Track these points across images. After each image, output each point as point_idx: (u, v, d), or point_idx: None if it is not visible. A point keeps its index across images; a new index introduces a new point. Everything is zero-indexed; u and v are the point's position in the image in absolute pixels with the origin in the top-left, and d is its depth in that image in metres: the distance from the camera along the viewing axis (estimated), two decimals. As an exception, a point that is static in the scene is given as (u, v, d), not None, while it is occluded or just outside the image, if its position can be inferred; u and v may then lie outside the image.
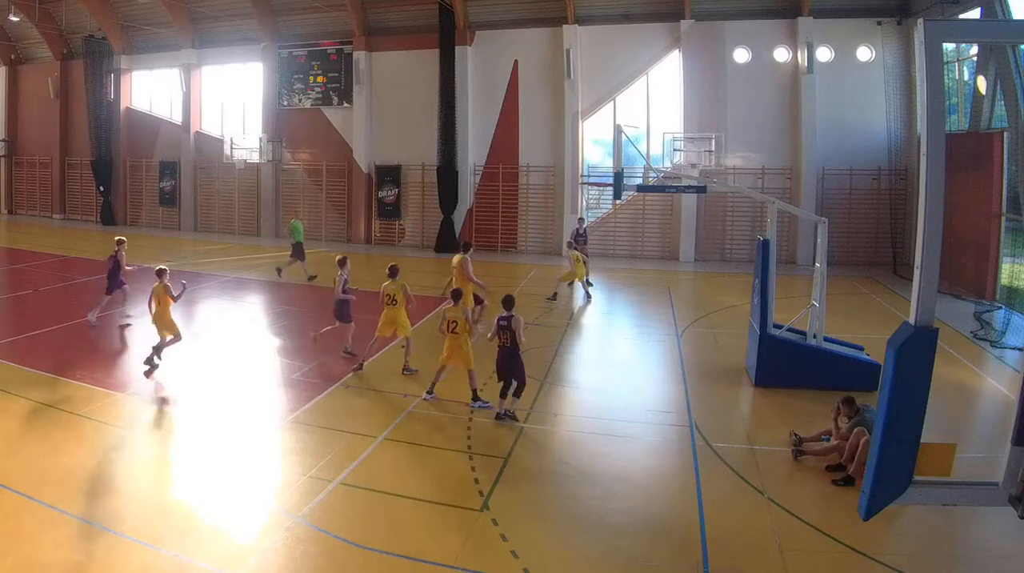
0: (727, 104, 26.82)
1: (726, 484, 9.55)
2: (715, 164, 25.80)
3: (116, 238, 18.05)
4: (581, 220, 24.57)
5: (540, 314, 18.80)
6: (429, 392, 12.32)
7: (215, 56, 35.32)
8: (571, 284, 21.58)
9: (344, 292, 14.52)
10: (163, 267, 14.07)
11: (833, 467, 9.72)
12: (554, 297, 20.59)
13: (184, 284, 14.27)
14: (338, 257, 15.12)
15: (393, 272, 13.48)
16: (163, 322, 13.76)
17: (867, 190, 25.78)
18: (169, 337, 13.73)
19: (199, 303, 20.67)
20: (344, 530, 8.21)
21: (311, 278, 22.55)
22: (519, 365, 11.39)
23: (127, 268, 17.75)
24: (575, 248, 21.23)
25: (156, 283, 13.79)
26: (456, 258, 16.23)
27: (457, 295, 12.48)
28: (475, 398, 12.03)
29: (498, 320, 11.45)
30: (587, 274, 21.56)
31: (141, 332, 17.23)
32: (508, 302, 11.57)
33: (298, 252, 22.92)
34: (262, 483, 9.55)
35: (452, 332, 11.99)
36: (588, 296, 21.20)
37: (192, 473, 9.77)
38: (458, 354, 12.01)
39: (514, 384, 11.36)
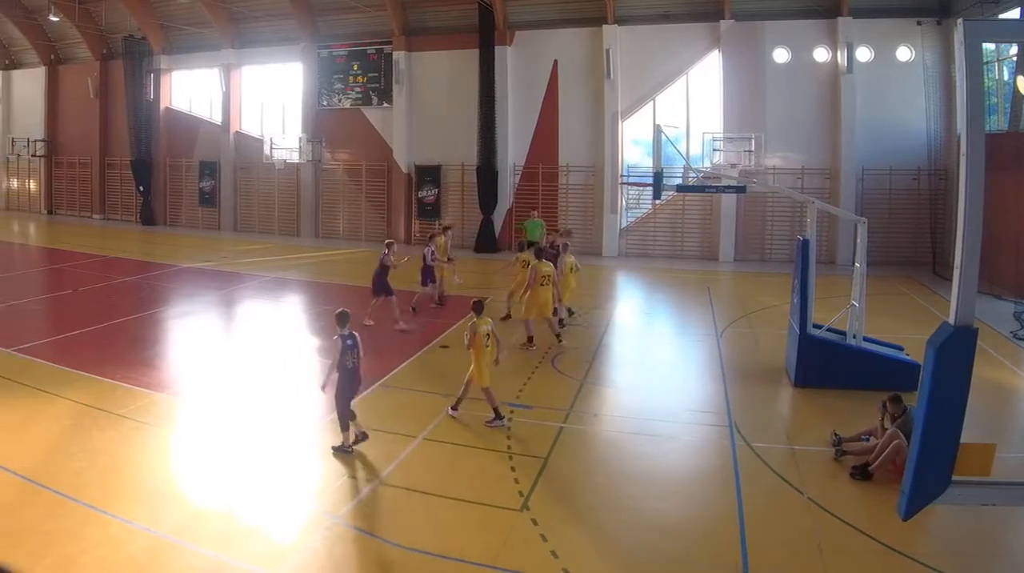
0: (767, 104, 28.87)
1: (766, 484, 10.15)
2: (755, 164, 27.82)
3: (386, 241, 19.19)
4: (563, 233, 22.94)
5: (579, 314, 20.13)
6: (453, 408, 12.53)
7: (255, 56, 38.17)
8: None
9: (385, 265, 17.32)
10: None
11: (860, 466, 10.33)
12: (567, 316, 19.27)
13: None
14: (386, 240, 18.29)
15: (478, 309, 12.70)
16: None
17: (907, 190, 27.72)
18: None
19: (239, 303, 22.65)
20: (384, 530, 8.84)
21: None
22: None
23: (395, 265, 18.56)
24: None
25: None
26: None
27: (480, 306, 12.50)
28: (455, 406, 12.49)
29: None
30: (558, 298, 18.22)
31: (191, 329, 19.53)
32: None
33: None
34: (301, 483, 10.27)
35: (487, 346, 12.14)
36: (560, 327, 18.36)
37: (231, 473, 10.45)
38: (489, 370, 12.23)
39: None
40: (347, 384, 11.20)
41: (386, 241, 18.75)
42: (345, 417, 11.11)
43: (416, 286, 20.12)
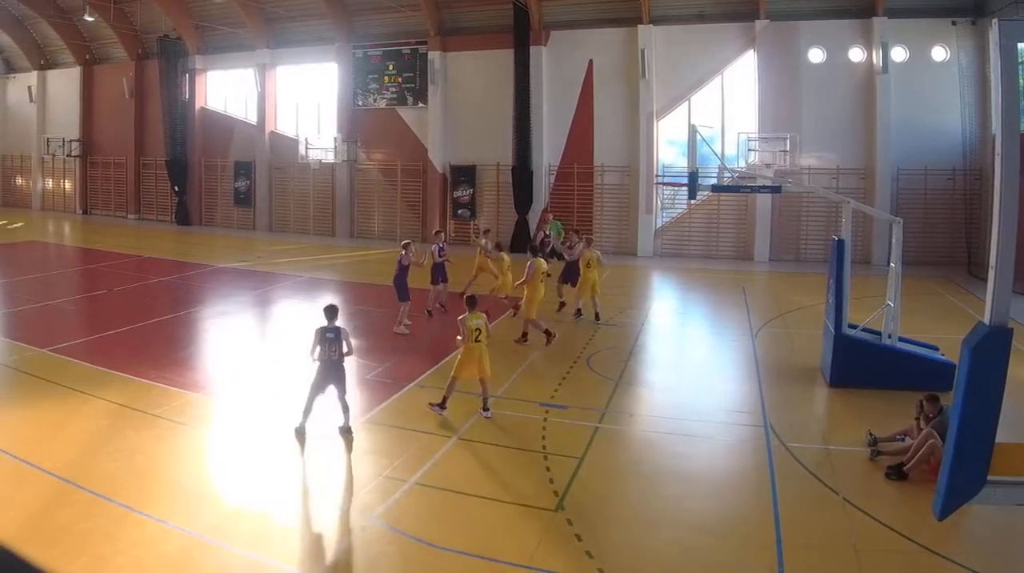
0: (802, 104, 30.19)
1: (801, 484, 10.41)
2: (790, 164, 29.12)
3: (402, 242, 19.70)
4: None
5: (614, 314, 20.87)
6: (441, 405, 12.87)
7: (290, 56, 40.05)
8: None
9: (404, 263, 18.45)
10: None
11: (896, 466, 10.59)
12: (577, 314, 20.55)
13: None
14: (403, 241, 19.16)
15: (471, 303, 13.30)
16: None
17: (942, 190, 28.95)
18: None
19: (273, 304, 23.53)
20: (419, 530, 9.04)
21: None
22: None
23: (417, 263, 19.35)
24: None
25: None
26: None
27: (472, 302, 13.07)
28: (485, 408, 12.89)
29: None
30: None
31: (226, 329, 20.25)
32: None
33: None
34: (336, 483, 10.63)
35: (475, 341, 12.66)
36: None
37: (266, 473, 10.77)
38: (477, 364, 12.72)
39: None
40: (324, 376, 11.74)
41: (403, 242, 19.58)
42: (310, 403, 11.77)
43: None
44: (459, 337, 12.78)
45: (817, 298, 19.86)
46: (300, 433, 11.78)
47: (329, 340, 11.76)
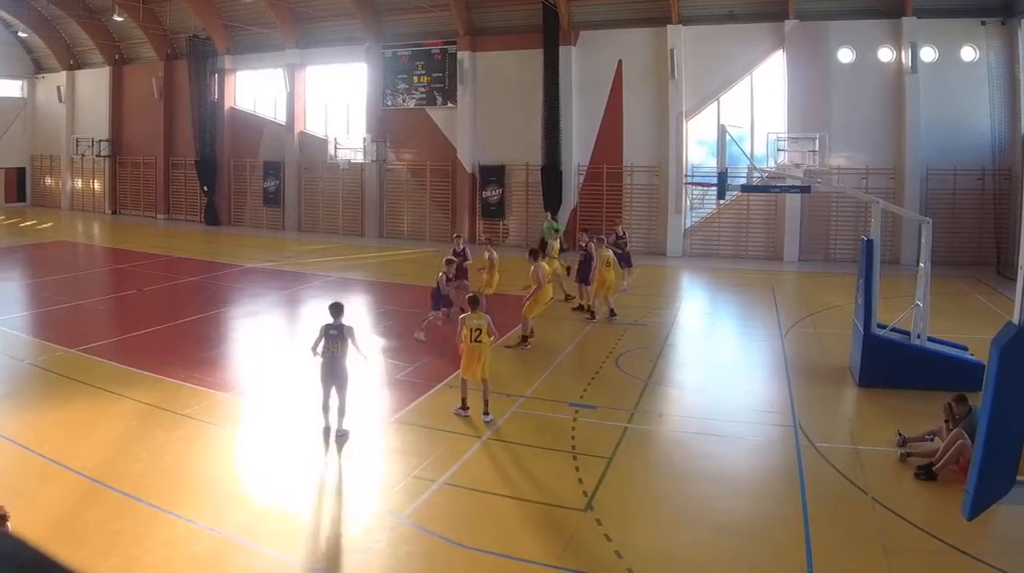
0: (831, 104, 31.34)
1: (830, 484, 10.74)
2: (819, 164, 30.34)
3: (445, 259, 19.72)
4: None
5: (644, 314, 21.83)
6: (464, 407, 13.30)
7: (319, 56, 41.60)
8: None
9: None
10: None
11: (925, 466, 10.94)
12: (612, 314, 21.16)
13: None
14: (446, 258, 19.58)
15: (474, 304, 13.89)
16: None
17: (971, 190, 30.00)
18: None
19: (302, 304, 24.13)
20: (448, 530, 9.34)
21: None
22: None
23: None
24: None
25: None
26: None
27: (475, 302, 13.64)
28: (486, 411, 13.13)
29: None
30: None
31: (255, 329, 20.99)
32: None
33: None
34: (366, 483, 10.96)
35: (476, 341, 13.01)
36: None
37: (295, 473, 11.18)
38: (479, 364, 13.06)
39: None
40: (326, 373, 12.21)
41: (447, 258, 19.69)
42: (324, 399, 12.30)
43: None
44: (457, 338, 13.39)
45: (846, 298, 20.63)
46: (326, 432, 12.28)
47: (332, 337, 12.17)
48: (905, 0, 29.91)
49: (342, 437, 12.23)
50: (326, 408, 12.36)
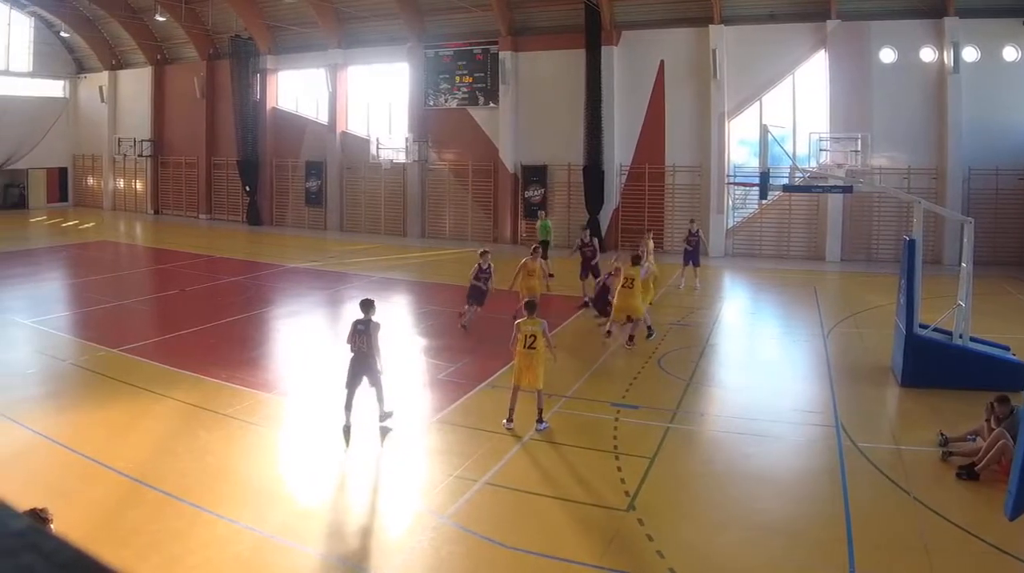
0: (873, 104, 32.86)
1: (872, 484, 11.08)
2: (861, 164, 31.83)
3: (480, 251, 20.82)
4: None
5: (686, 314, 22.72)
6: (509, 420, 13.26)
7: (361, 56, 43.70)
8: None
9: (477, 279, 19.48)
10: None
11: (967, 466, 11.26)
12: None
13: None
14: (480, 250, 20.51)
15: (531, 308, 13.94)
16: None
17: (1013, 190, 31.43)
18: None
19: (345, 303, 24.47)
20: (490, 530, 9.61)
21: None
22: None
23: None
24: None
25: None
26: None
27: (532, 307, 13.73)
28: (540, 420, 13.23)
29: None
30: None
31: (297, 329, 21.80)
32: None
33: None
34: (408, 483, 11.28)
35: (530, 347, 13.11)
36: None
37: (337, 473, 11.61)
38: (533, 372, 13.14)
39: None
40: (352, 367, 12.89)
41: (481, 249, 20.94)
42: (348, 397, 12.89)
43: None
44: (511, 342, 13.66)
45: (888, 298, 21.22)
46: (346, 430, 12.82)
47: (359, 332, 12.90)
48: (947, 0, 31.27)
49: (384, 430, 13.01)
50: (348, 406, 12.91)
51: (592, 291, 22.75)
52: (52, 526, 7.08)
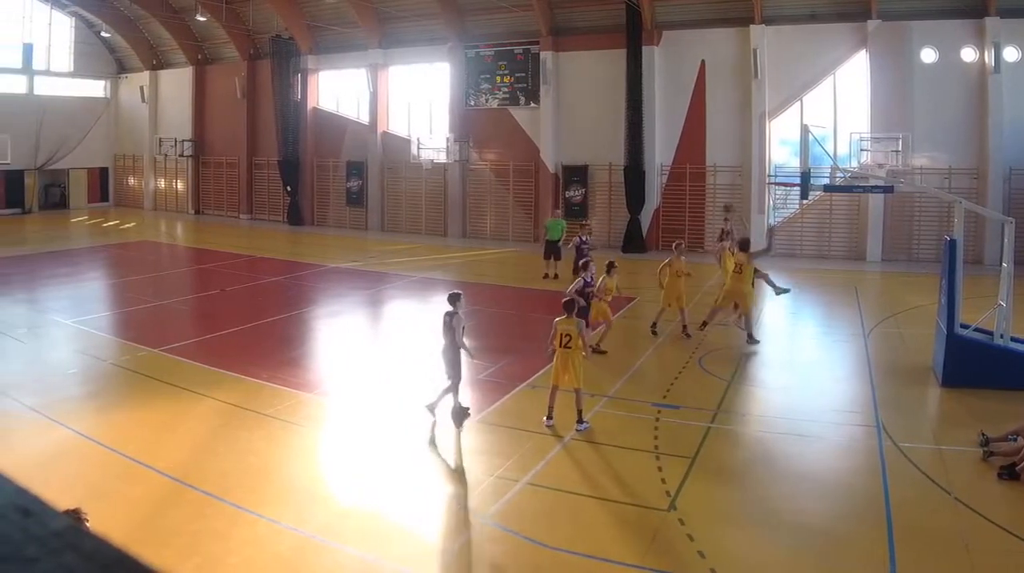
0: (913, 104, 34.33)
1: (913, 484, 11.38)
2: (902, 164, 33.27)
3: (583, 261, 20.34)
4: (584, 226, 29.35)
5: (727, 314, 22.03)
6: (549, 417, 13.87)
7: (402, 56, 45.78)
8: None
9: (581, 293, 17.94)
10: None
11: (1008, 466, 11.52)
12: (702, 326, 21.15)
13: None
14: (582, 261, 19.97)
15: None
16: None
17: (1054, 190, 32.71)
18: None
19: (386, 303, 25.92)
20: (531, 530, 9.89)
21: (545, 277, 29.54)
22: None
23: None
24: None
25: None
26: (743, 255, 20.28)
27: (570, 306, 13.99)
28: (580, 420, 13.67)
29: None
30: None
31: (338, 329, 22.40)
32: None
33: (553, 251, 30.44)
34: (449, 483, 11.76)
35: (565, 346, 13.52)
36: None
37: (378, 473, 11.93)
38: (569, 371, 13.60)
39: None
40: (446, 356, 13.79)
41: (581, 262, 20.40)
42: (452, 384, 13.74)
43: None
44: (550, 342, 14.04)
45: (930, 298, 21.61)
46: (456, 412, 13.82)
47: (444, 323, 13.92)
48: (988, 0, 32.64)
49: (430, 411, 13.84)
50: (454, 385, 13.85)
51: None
52: (88, 526, 7.11)
